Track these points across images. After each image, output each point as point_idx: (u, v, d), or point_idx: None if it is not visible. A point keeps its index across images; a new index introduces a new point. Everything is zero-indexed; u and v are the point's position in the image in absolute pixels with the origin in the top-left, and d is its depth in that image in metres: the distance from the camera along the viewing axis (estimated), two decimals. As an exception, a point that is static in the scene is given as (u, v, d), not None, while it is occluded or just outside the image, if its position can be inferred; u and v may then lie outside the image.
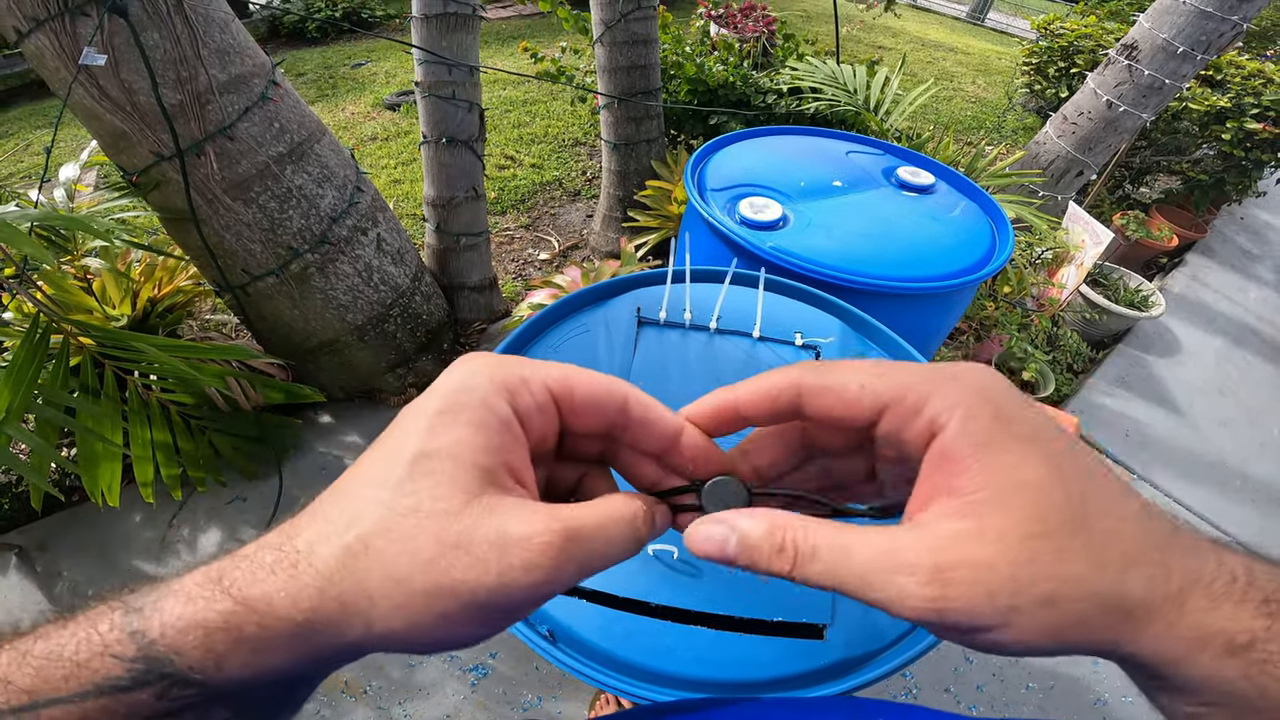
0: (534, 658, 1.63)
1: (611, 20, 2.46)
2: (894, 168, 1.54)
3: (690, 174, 1.40)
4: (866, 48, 6.46)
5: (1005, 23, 9.08)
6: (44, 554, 1.77)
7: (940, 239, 1.33)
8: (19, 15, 1.23)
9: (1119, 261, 3.29)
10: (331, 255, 1.69)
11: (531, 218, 3.35)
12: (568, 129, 4.20)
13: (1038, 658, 0.27)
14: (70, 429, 1.44)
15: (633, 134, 2.73)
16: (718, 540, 0.27)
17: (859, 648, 0.65)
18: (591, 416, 0.30)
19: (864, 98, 2.64)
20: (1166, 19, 2.53)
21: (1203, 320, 3.25)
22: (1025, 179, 2.63)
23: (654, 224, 2.72)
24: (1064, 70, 3.75)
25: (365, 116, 4.25)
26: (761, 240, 1.22)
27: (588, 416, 0.30)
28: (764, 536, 0.27)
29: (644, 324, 0.95)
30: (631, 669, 0.65)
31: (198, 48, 1.35)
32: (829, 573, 0.25)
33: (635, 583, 0.69)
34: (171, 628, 0.23)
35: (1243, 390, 2.86)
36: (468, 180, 2.10)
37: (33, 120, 4.24)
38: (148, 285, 1.84)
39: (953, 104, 5.45)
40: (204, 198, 1.47)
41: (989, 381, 0.26)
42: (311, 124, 1.64)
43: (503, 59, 5.26)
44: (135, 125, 1.35)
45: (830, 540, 0.26)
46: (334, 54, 5.34)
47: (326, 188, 1.65)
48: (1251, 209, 4.46)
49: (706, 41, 3.74)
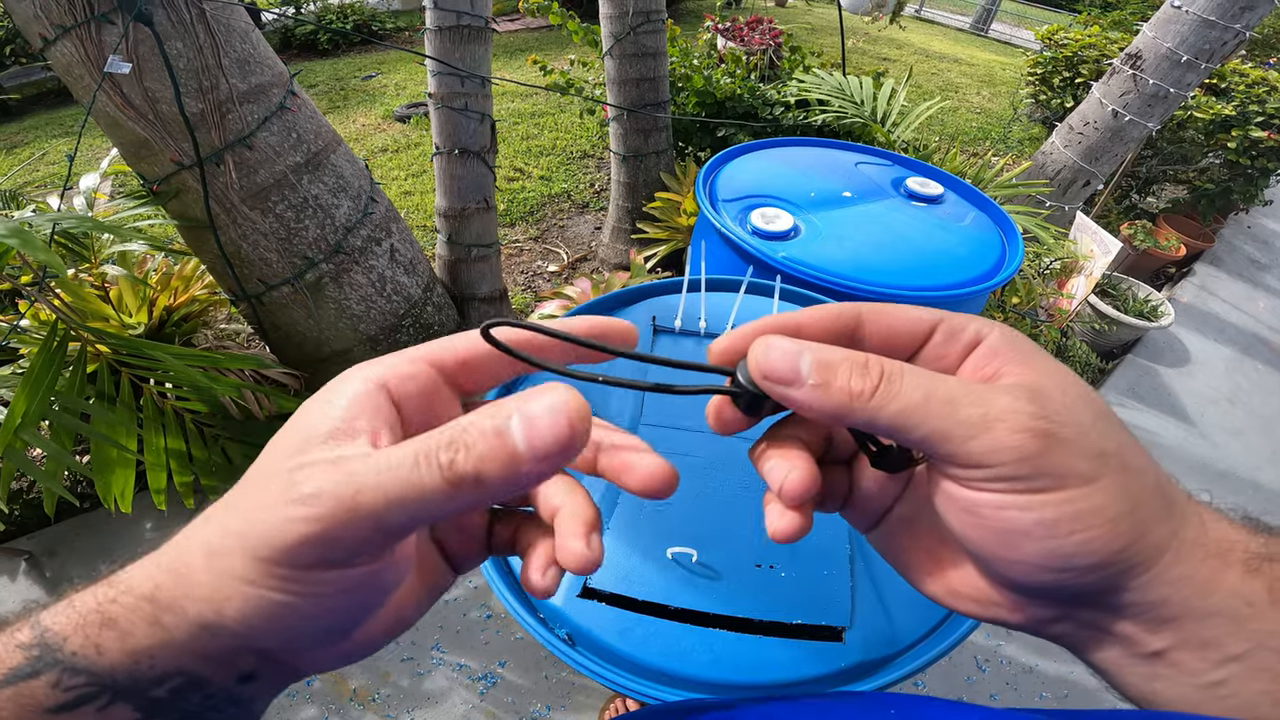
0: (543, 666, 1.62)
1: (621, 33, 2.49)
2: (903, 178, 1.56)
3: (702, 185, 1.42)
4: (872, 59, 6.50)
5: (1009, 33, 9.13)
6: (54, 559, 1.78)
7: (950, 249, 1.34)
8: (46, 22, 1.26)
9: (1127, 272, 3.29)
10: (346, 265, 1.71)
11: (540, 230, 3.37)
12: (576, 141, 4.24)
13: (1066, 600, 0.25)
14: (85, 435, 1.46)
15: (641, 146, 2.75)
16: (791, 351, 0.25)
17: (877, 651, 0.66)
18: (480, 371, 0.28)
19: (871, 109, 2.66)
20: (1170, 28, 2.55)
21: (1212, 330, 3.24)
22: (1032, 189, 2.64)
23: (663, 236, 2.74)
24: (1069, 80, 3.77)
25: (376, 128, 4.30)
26: (773, 250, 1.23)
27: (477, 371, 0.28)
28: (845, 357, 0.24)
29: (659, 332, 0.96)
30: (650, 672, 0.65)
31: (219, 57, 1.37)
32: (920, 390, 0.23)
33: (654, 586, 0.70)
34: (60, 614, 0.24)
35: (1254, 399, 2.85)
36: (479, 191, 2.12)
37: (49, 129, 4.30)
38: (164, 294, 1.86)
39: (958, 115, 5.47)
40: (222, 207, 1.49)
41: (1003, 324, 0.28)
42: (327, 134, 1.66)
43: (512, 71, 5.31)
44: (157, 133, 1.37)
45: (916, 369, 0.24)
46: (345, 66, 5.41)
47: (342, 198, 1.67)
48: (1259, 217, 4.46)
49: (714, 54, 3.78)
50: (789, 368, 0.24)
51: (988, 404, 0.22)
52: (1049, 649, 1.76)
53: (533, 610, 0.70)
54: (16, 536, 1.83)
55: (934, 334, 0.27)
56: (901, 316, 0.28)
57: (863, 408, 0.23)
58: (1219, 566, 0.22)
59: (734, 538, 0.74)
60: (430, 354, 0.27)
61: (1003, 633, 1.78)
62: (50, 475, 1.39)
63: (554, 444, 0.21)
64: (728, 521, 0.75)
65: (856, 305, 0.28)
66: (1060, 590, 0.24)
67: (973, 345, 0.27)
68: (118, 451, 1.44)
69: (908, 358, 0.28)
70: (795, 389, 0.24)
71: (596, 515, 0.26)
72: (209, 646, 0.23)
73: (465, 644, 1.66)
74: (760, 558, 0.72)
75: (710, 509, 0.76)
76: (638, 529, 0.74)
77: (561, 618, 0.68)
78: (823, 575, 0.71)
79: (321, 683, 1.56)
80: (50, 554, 1.79)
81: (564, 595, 0.70)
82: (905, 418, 0.23)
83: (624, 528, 0.74)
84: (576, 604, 0.69)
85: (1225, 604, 0.22)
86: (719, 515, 0.76)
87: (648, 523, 0.75)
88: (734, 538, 0.74)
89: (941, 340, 0.27)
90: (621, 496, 0.77)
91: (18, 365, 1.56)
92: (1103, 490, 0.22)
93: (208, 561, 0.23)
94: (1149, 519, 0.22)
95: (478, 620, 1.70)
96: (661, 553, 0.71)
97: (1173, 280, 3.65)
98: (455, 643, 1.66)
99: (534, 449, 0.21)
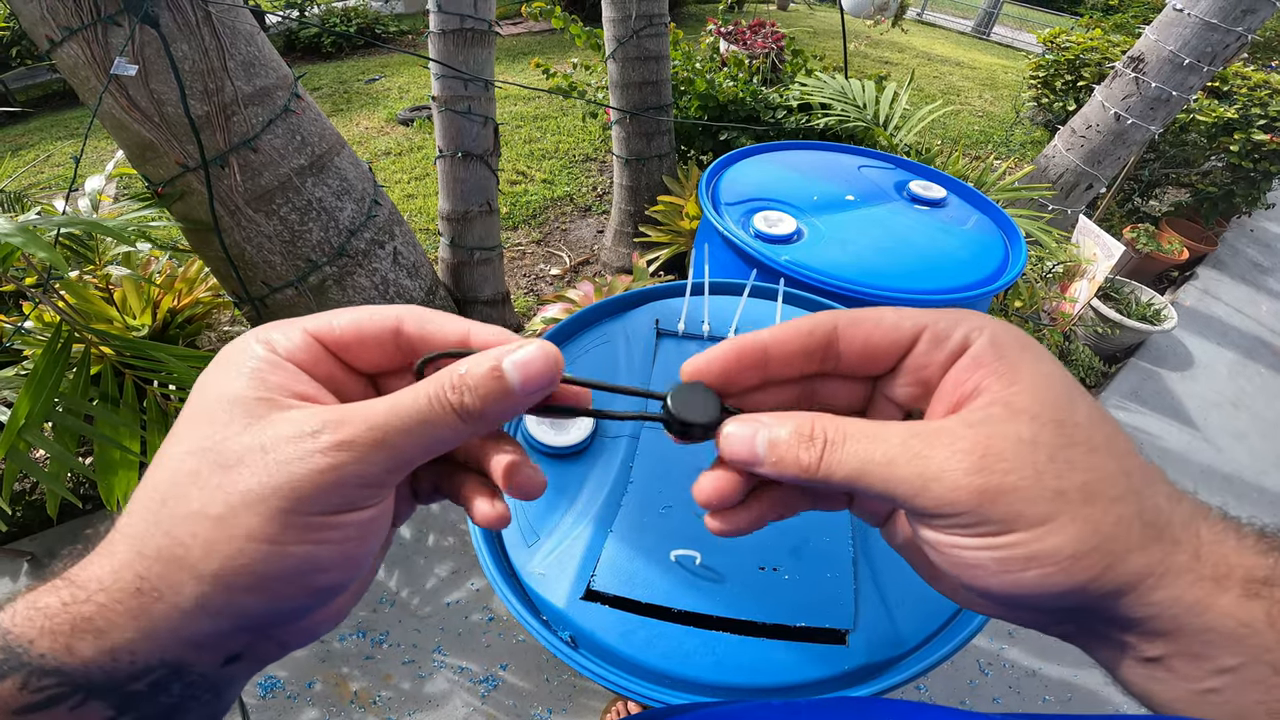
0: (544, 669, 1.62)
1: (624, 36, 2.50)
2: (905, 182, 1.56)
3: (705, 188, 1.42)
4: (874, 63, 6.51)
5: (1011, 37, 9.14)
6: (55, 561, 1.78)
7: (953, 252, 1.34)
8: (52, 24, 1.26)
9: (1130, 275, 3.28)
10: (349, 268, 1.71)
11: (543, 233, 3.38)
12: (578, 144, 4.25)
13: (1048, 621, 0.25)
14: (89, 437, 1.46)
15: (644, 149, 2.76)
16: (745, 438, 0.27)
17: (880, 653, 0.65)
18: (365, 348, 0.28)
19: (873, 113, 2.66)
20: (1172, 31, 2.55)
21: (1215, 333, 3.23)
22: (1035, 193, 2.64)
23: (665, 239, 2.74)
24: (1071, 84, 3.77)
25: (379, 131, 4.31)
26: (776, 253, 1.23)
27: (361, 349, 0.28)
28: (792, 430, 0.26)
29: (663, 335, 0.96)
30: (653, 674, 0.65)
31: (224, 59, 1.38)
32: (860, 454, 0.24)
33: (657, 588, 0.70)
34: (21, 617, 0.23)
35: (1257, 403, 2.85)
36: (482, 194, 2.13)
37: (53, 131, 4.32)
38: (168, 297, 1.87)
39: (960, 118, 5.48)
40: (226, 209, 1.50)
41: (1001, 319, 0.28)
42: (331, 137, 1.67)
43: (514, 74, 5.33)
44: (163, 136, 1.37)
45: (860, 425, 0.25)
46: (348, 69, 5.43)
47: (345, 200, 1.68)
48: (1261, 221, 4.46)
49: (716, 58, 3.79)
50: (747, 452, 0.27)
51: (924, 463, 0.23)
52: (1052, 653, 1.75)
53: (536, 613, 0.70)
54: (19, 538, 1.83)
55: (918, 341, 0.27)
56: (880, 328, 0.28)
57: (813, 476, 0.25)
58: (1212, 590, 0.22)
59: (737, 540, 0.73)
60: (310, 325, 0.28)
61: (1005, 637, 1.78)
62: (53, 476, 1.40)
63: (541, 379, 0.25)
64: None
65: (833, 316, 0.28)
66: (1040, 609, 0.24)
67: (959, 353, 0.26)
68: (121, 453, 1.44)
69: (890, 368, 0.28)
70: (759, 468, 0.27)
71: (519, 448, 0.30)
72: (203, 630, 0.23)
73: (467, 647, 1.66)
74: (763, 560, 0.72)
75: (713, 511, 0.76)
76: (641, 531, 0.74)
77: (564, 620, 0.68)
78: (826, 578, 0.71)
79: (323, 685, 1.56)
80: (52, 555, 1.79)
81: (567, 598, 0.70)
82: (852, 482, 0.25)
83: (627, 530, 0.74)
84: (579, 606, 0.69)
85: (1218, 623, 0.22)
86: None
87: (651, 525, 0.75)
88: (737, 540, 0.73)
89: (926, 349, 0.27)
90: (625, 499, 0.77)
91: (21, 366, 1.57)
92: (1058, 530, 0.22)
93: (217, 531, 0.23)
94: (1121, 550, 0.22)
95: (479, 623, 1.70)
96: (665, 555, 0.71)
97: (1175, 284, 3.65)
98: (457, 645, 1.66)
99: (525, 386, 0.25)
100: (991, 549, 0.23)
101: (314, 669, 1.59)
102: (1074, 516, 0.22)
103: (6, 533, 1.81)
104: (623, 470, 0.80)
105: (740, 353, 0.28)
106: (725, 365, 0.28)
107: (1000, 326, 0.26)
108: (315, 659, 1.61)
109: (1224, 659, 0.22)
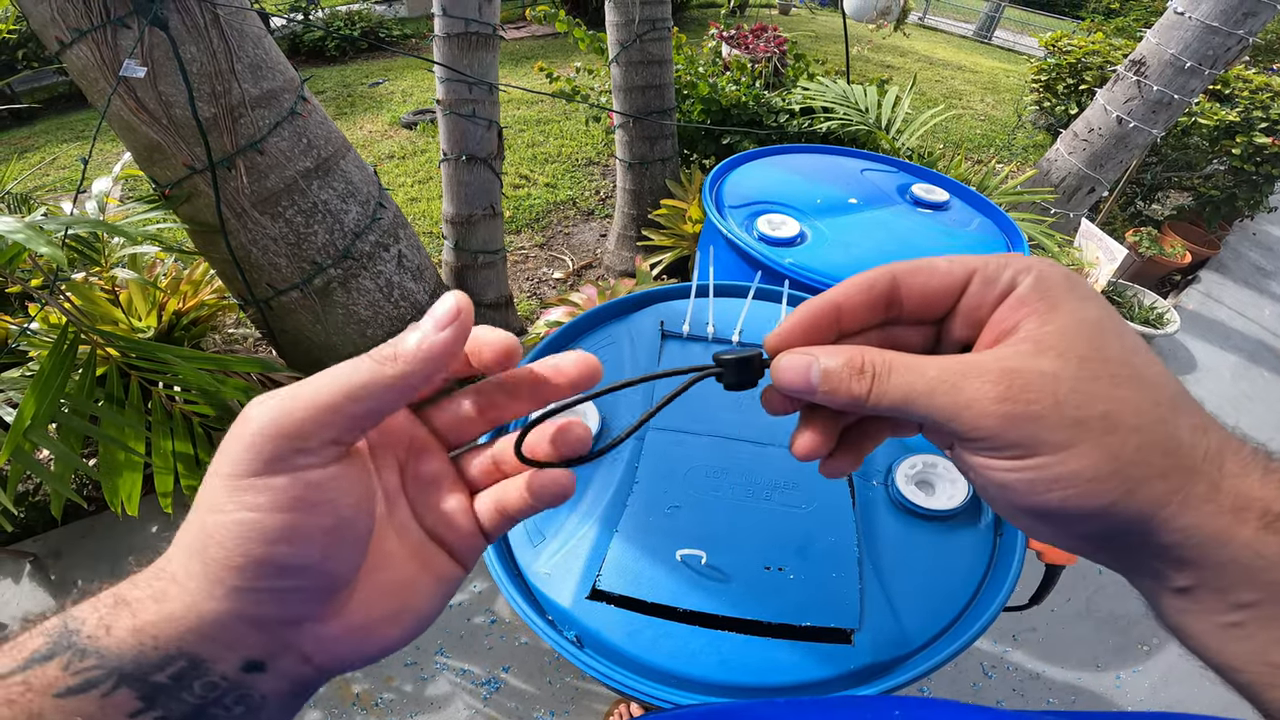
0: (547, 671, 1.62)
1: (627, 40, 2.51)
2: (908, 185, 1.56)
3: (708, 191, 1.42)
4: (876, 67, 6.53)
5: (1012, 40, 9.16)
6: (58, 562, 1.79)
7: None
8: (62, 26, 1.27)
9: (1132, 279, 3.28)
10: (354, 271, 1.72)
11: (546, 237, 3.38)
12: (581, 148, 4.26)
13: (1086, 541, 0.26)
14: (94, 438, 1.47)
15: (647, 153, 2.76)
16: (801, 369, 0.29)
17: (886, 653, 0.66)
18: None
19: (875, 116, 2.67)
20: (1173, 34, 2.56)
21: (1218, 337, 3.23)
22: (1037, 196, 2.65)
23: (668, 243, 2.74)
24: (1073, 87, 3.78)
25: (383, 135, 4.32)
26: (780, 256, 1.23)
27: None
28: (844, 362, 0.28)
29: (667, 337, 0.97)
30: (658, 673, 0.66)
31: (232, 62, 1.38)
32: (904, 384, 0.27)
33: (663, 588, 0.70)
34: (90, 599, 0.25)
35: (1260, 406, 2.84)
36: (486, 198, 2.13)
37: (59, 134, 4.34)
38: (173, 298, 1.87)
39: (962, 122, 5.48)
40: (233, 211, 1.51)
41: (1051, 260, 0.28)
42: (337, 140, 1.67)
43: (518, 78, 5.35)
44: (170, 138, 1.38)
45: (903, 359, 0.28)
46: (352, 72, 5.46)
47: (350, 203, 1.68)
48: (1264, 224, 4.45)
49: (719, 62, 3.79)
50: (803, 381, 0.29)
51: (958, 391, 0.26)
52: (1055, 655, 1.75)
53: (541, 612, 0.70)
54: (22, 539, 1.84)
55: (970, 284, 0.29)
56: (935, 274, 0.29)
57: (864, 404, 0.28)
58: (1232, 521, 0.23)
59: (743, 540, 0.74)
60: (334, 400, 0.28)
61: (1009, 638, 1.77)
62: (58, 477, 1.40)
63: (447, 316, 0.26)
64: (736, 524, 0.75)
65: (891, 269, 0.30)
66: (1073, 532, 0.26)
67: (1007, 293, 0.28)
68: (125, 454, 1.44)
69: (947, 310, 0.31)
70: (813, 396, 0.29)
71: None
72: (206, 617, 0.24)
73: (469, 649, 1.66)
74: (769, 560, 0.72)
75: (719, 511, 0.76)
76: (647, 531, 0.75)
77: (570, 620, 0.69)
78: (831, 578, 0.71)
79: (324, 687, 1.56)
80: (56, 556, 1.80)
81: (572, 597, 0.70)
82: (898, 409, 0.27)
83: (633, 530, 0.75)
84: (585, 606, 0.69)
85: (1238, 554, 0.23)
86: (727, 518, 0.76)
87: (657, 525, 0.75)
88: (743, 540, 0.74)
89: (978, 289, 0.29)
90: (631, 499, 0.77)
91: (27, 368, 1.58)
92: (1078, 455, 0.24)
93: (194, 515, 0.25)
94: (1140, 476, 0.23)
95: (482, 625, 1.70)
96: (670, 555, 0.72)
97: (1178, 287, 3.65)
98: (459, 647, 1.66)
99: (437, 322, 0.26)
100: (1018, 470, 0.25)
101: (317, 670, 1.59)
102: (1094, 444, 0.24)
103: (11, 533, 1.82)
104: (628, 470, 0.80)
105: (817, 314, 0.30)
106: (805, 326, 0.30)
107: (1048, 266, 0.27)
108: (318, 660, 1.61)
109: (1242, 593, 0.23)
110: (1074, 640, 1.79)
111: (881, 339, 0.32)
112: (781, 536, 0.74)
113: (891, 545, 0.75)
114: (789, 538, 0.74)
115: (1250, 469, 0.24)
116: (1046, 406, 0.24)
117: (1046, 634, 1.80)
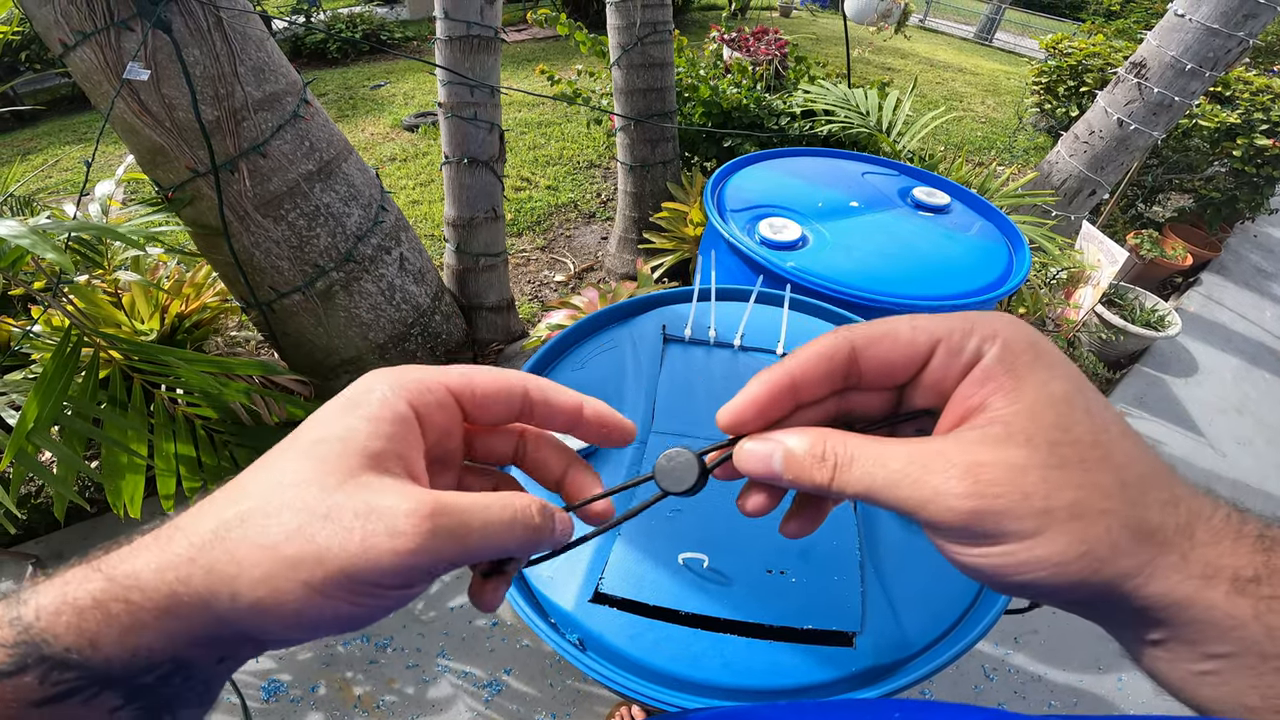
0: (548, 674, 1.62)
1: (628, 44, 2.51)
2: (909, 188, 1.56)
3: (710, 195, 1.43)
4: (877, 69, 6.53)
5: (1013, 42, 9.17)
6: (61, 564, 1.79)
7: (957, 258, 1.34)
8: (66, 28, 1.27)
9: (1134, 281, 3.28)
10: (356, 273, 1.72)
11: (547, 239, 3.39)
12: (582, 151, 4.26)
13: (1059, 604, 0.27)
14: (97, 440, 1.47)
15: (648, 156, 2.77)
16: (763, 455, 0.29)
17: (887, 656, 0.66)
18: (495, 406, 0.32)
19: (876, 119, 2.67)
20: (1174, 36, 2.56)
21: (1219, 339, 3.23)
22: (1038, 199, 2.65)
23: (669, 246, 2.75)
24: (1074, 89, 3.78)
25: (384, 137, 4.33)
26: (782, 259, 1.24)
27: (492, 407, 0.32)
28: (807, 449, 0.28)
29: (669, 341, 0.97)
30: (660, 676, 0.66)
31: (235, 65, 1.39)
32: (866, 476, 0.27)
33: (665, 591, 0.70)
34: (45, 610, 0.23)
35: (1262, 408, 2.84)
36: (487, 201, 2.14)
37: (61, 136, 4.35)
38: (176, 301, 1.88)
39: (963, 124, 5.49)
40: (236, 214, 1.51)
41: (1018, 321, 0.28)
42: (339, 143, 1.68)
43: (519, 81, 5.35)
44: (173, 141, 1.39)
45: (866, 448, 0.27)
46: (354, 75, 5.47)
47: (353, 206, 1.69)
48: (1265, 226, 4.45)
49: (720, 65, 3.80)
50: (765, 468, 0.29)
51: (922, 485, 0.25)
52: (1056, 658, 1.75)
53: (544, 615, 0.70)
54: (25, 540, 1.84)
55: (934, 355, 0.28)
56: (897, 344, 0.29)
57: (828, 491, 0.28)
58: (1200, 587, 0.23)
59: (745, 543, 0.74)
60: (453, 383, 0.31)
61: (1011, 642, 1.77)
62: (61, 479, 1.40)
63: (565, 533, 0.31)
64: (738, 527, 0.75)
65: (848, 336, 0.29)
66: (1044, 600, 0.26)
67: (971, 365, 0.27)
68: (128, 457, 1.45)
69: (908, 381, 0.30)
70: (779, 482, 0.29)
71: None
72: (215, 636, 0.24)
73: (470, 651, 1.66)
74: (771, 563, 0.72)
75: (721, 515, 0.77)
76: (649, 535, 0.75)
77: (572, 623, 0.69)
78: (833, 580, 0.71)
79: (327, 689, 1.57)
80: (58, 558, 1.80)
81: (575, 600, 0.70)
82: (863, 498, 0.27)
83: (635, 533, 0.75)
84: (587, 609, 0.69)
85: (1209, 615, 0.23)
86: (730, 521, 0.76)
87: (659, 528, 0.75)
88: (745, 543, 0.74)
89: (941, 361, 0.28)
90: (633, 503, 0.77)
91: (30, 370, 1.58)
92: (1045, 542, 0.24)
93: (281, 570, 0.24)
94: (1109, 556, 0.24)
95: (483, 628, 1.70)
96: (673, 558, 0.72)
97: (1179, 289, 3.65)
98: (460, 650, 1.66)
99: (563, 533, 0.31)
100: (985, 557, 0.25)
101: (318, 673, 1.59)
102: (1061, 530, 0.24)
103: (13, 535, 1.82)
104: (630, 474, 0.81)
105: (770, 391, 0.30)
106: (759, 407, 0.30)
107: (1014, 333, 0.27)
108: (319, 663, 1.61)
109: (1214, 646, 0.24)
110: (1076, 642, 1.79)
111: (839, 406, 0.32)
112: (783, 540, 0.74)
113: (893, 548, 0.76)
114: (790, 541, 0.74)
115: (1221, 536, 0.24)
116: (1014, 500, 0.24)
117: (1048, 636, 1.80)
